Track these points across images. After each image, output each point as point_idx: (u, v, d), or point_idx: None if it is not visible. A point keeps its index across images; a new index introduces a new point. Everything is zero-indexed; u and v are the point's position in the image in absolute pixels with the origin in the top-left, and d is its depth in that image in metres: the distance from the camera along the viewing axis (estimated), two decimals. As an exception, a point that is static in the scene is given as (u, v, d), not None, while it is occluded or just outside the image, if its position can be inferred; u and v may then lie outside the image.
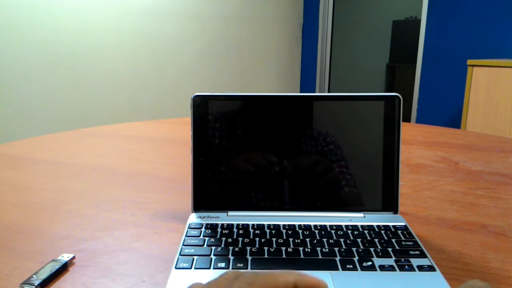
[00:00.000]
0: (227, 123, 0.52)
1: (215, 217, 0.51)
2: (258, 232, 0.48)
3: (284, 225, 0.49)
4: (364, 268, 0.41)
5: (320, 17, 3.95)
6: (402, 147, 0.51)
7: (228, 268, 0.41)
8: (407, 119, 3.56)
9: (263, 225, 0.49)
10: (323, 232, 0.47)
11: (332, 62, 4.13)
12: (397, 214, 0.52)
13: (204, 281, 0.30)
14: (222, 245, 0.45)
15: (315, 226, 0.49)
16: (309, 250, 0.44)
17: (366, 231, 0.48)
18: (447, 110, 3.32)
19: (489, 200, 0.63)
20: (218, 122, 0.52)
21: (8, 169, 0.77)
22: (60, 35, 2.09)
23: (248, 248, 0.44)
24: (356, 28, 5.02)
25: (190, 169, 0.52)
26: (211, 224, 0.49)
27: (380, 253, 0.43)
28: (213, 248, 0.44)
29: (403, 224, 0.50)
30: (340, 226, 0.49)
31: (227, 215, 0.52)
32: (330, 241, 0.46)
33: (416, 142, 0.98)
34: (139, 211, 0.59)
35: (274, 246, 0.45)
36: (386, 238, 0.46)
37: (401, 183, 0.52)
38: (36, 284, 0.39)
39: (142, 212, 0.58)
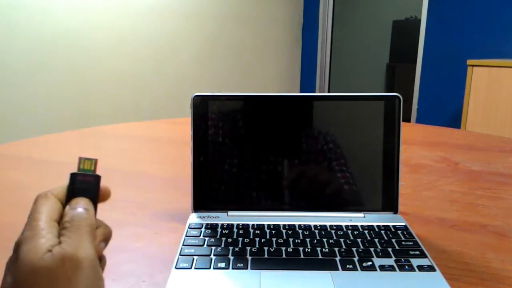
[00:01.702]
0: (227, 123, 0.52)
1: (215, 217, 0.51)
2: (258, 232, 0.48)
3: (284, 225, 0.49)
4: (364, 268, 0.41)
5: (320, 17, 3.95)
6: (402, 147, 0.51)
7: (228, 268, 0.41)
8: (407, 119, 3.56)
9: (263, 225, 0.49)
10: (323, 232, 0.47)
11: (332, 62, 4.13)
12: (397, 214, 0.52)
13: None
14: (222, 245, 0.45)
15: (315, 226, 0.49)
16: (309, 250, 0.44)
17: (366, 231, 0.48)
18: (447, 110, 3.32)
19: (489, 200, 0.63)
20: (218, 122, 0.52)
21: (8, 169, 0.76)
22: (60, 34, 2.09)
23: (248, 248, 0.44)
24: (356, 28, 5.02)
25: (190, 169, 0.52)
26: (211, 224, 0.49)
27: (380, 253, 0.43)
28: (213, 248, 0.44)
29: (403, 224, 0.50)
30: (340, 226, 0.49)
31: (227, 215, 0.52)
32: (330, 241, 0.46)
33: (416, 142, 0.98)
34: (139, 211, 0.59)
35: (274, 246, 0.45)
36: (386, 238, 0.46)
37: (401, 183, 0.52)
38: (36, 284, 0.39)
39: (142, 212, 0.58)
